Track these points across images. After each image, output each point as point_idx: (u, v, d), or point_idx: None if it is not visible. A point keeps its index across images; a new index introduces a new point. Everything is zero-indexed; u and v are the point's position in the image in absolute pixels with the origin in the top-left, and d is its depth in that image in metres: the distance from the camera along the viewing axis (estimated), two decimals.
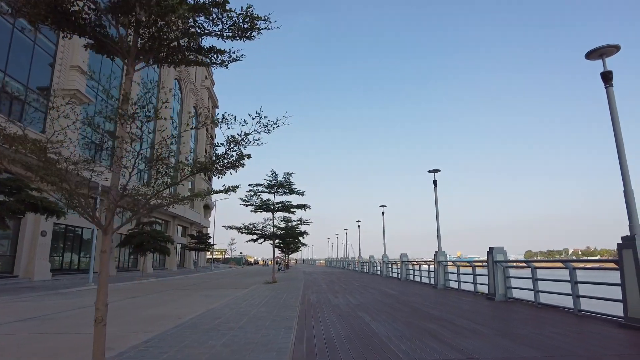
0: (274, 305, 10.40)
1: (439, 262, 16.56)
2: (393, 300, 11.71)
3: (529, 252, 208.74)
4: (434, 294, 13.72)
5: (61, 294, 15.97)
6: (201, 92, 58.71)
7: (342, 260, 57.08)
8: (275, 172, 20.39)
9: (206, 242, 48.90)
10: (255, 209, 20.72)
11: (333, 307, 10.11)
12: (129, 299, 13.90)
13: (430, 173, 17.66)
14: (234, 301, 11.53)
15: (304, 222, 21.64)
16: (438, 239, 17.04)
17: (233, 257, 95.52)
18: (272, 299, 12.06)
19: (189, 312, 9.86)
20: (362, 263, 39.60)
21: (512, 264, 12.24)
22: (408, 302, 11.07)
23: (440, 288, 16.39)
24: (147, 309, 11.00)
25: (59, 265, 25.36)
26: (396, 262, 25.91)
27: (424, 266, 19.90)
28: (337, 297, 12.75)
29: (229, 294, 15.29)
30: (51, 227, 23.14)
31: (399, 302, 11.05)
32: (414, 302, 11.06)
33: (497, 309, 9.63)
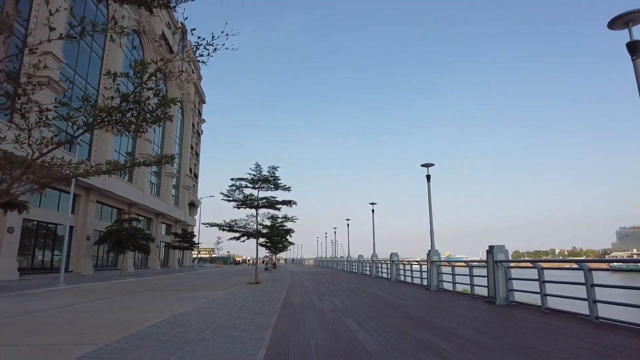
0: (250, 309, 9.22)
1: (433, 262, 15.52)
2: (383, 303, 10.61)
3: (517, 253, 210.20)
4: (427, 297, 12.67)
5: (25, 296, 14.65)
6: (187, 87, 57.06)
7: (331, 260, 55.98)
8: (259, 166, 19.15)
9: (190, 241, 47.36)
10: (237, 204, 19.44)
11: (317, 312, 8.97)
12: (96, 301, 12.72)
13: (423, 167, 16.62)
14: (207, 305, 10.32)
15: (289, 219, 20.38)
16: (431, 237, 16.01)
17: (220, 257, 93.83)
18: (250, 302, 10.88)
19: (153, 317, 8.68)
20: (350, 263, 38.54)
21: (514, 265, 11.20)
22: (400, 307, 9.97)
23: (433, 290, 15.36)
24: (110, 313, 9.80)
25: (29, 265, 23.79)
26: (386, 262, 24.87)
27: (416, 266, 18.87)
28: (322, 299, 11.61)
29: (204, 295, 14.08)
30: (20, 223, 21.60)
31: (390, 306, 9.95)
32: (406, 307, 9.97)
33: (500, 315, 8.58)
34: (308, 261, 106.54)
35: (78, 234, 27.89)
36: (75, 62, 27.27)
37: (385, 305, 10.16)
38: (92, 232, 29.24)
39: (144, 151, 38.47)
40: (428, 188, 16.46)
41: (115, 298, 13.79)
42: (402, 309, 9.54)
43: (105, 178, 28.77)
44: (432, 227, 16.06)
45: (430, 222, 16.09)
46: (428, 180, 16.51)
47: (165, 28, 46.13)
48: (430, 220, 16.11)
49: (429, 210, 16.20)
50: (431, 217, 16.17)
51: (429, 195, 16.42)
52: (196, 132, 63.46)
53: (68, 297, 14.03)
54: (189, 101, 57.23)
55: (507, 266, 10.54)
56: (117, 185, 31.08)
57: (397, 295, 13.03)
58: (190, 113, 57.83)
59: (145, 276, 28.29)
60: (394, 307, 9.76)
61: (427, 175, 16.56)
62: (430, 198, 16.39)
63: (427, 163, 16.44)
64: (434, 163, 16.38)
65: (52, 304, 11.82)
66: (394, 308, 9.63)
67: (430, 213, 16.20)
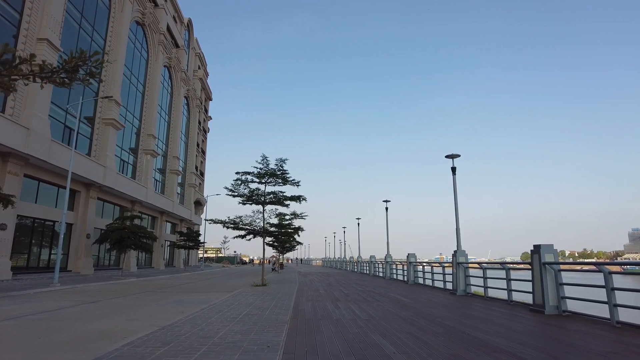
0: (254, 320, 7.72)
1: (459, 264, 13.92)
2: (412, 313, 9.05)
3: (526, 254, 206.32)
4: (458, 303, 11.09)
5: (10, 298, 13.40)
6: (193, 83, 55.87)
7: (339, 261, 54.41)
8: (266, 158, 17.64)
9: (196, 240, 46.03)
10: (243, 200, 17.97)
11: (335, 324, 7.44)
12: (85, 305, 11.43)
13: (448, 159, 15.01)
14: (206, 312, 8.84)
15: (298, 216, 18.83)
16: (457, 236, 14.40)
17: (227, 256, 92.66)
18: (255, 309, 9.38)
19: (139, 328, 7.27)
20: (361, 263, 36.95)
21: (567, 267, 9.54)
22: (433, 317, 8.41)
23: (460, 294, 13.76)
24: (91, 321, 8.42)
25: (24, 264, 22.56)
26: (402, 263, 23.28)
27: (438, 268, 17.26)
28: (339, 307, 10.08)
29: (206, 300, 12.65)
30: (13, 220, 20.36)
31: (421, 316, 8.39)
32: (440, 317, 8.40)
33: (562, 330, 6.98)
34: (315, 261, 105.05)
35: (77, 232, 26.66)
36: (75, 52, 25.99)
37: (415, 315, 8.60)
38: (93, 230, 28.00)
39: (147, 147, 37.26)
40: (453, 181, 14.85)
41: (107, 301, 12.45)
42: (437, 319, 7.98)
43: (104, 173, 27.55)
44: (458, 226, 14.46)
45: (456, 220, 14.48)
46: (453, 173, 14.89)
47: (170, 21, 44.92)
48: (456, 217, 14.51)
49: (454, 206, 14.59)
50: (457, 214, 14.57)
51: (455, 189, 14.81)
52: (202, 129, 62.28)
53: (57, 300, 12.71)
54: (195, 97, 56.03)
55: (557, 269, 8.92)
56: (118, 181, 29.82)
57: (423, 302, 11.45)
58: (197, 109, 56.64)
59: (148, 276, 26.99)
60: (426, 318, 8.20)
61: (452, 167, 14.94)
62: (456, 193, 14.78)
63: (452, 154, 14.83)
64: (459, 154, 14.77)
65: (34, 309, 10.49)
66: (427, 319, 8.07)
67: (456, 209, 14.59)
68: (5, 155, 19.66)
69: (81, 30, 26.74)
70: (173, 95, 47.42)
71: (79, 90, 25.95)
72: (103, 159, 28.11)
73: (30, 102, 20.75)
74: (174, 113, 47.37)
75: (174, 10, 47.04)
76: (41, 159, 20.88)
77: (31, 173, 21.97)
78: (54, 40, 22.06)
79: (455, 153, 14.80)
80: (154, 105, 38.92)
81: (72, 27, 25.80)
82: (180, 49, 48.56)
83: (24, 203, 21.71)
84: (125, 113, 33.58)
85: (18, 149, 19.26)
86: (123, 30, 31.36)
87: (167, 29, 43.25)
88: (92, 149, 27.84)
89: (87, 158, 25.88)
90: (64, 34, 24.50)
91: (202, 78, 59.52)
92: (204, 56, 62.31)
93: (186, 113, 53.72)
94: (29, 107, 20.67)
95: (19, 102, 20.34)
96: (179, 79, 48.02)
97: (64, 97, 24.65)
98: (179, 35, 48.53)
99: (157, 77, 39.80)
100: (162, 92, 43.52)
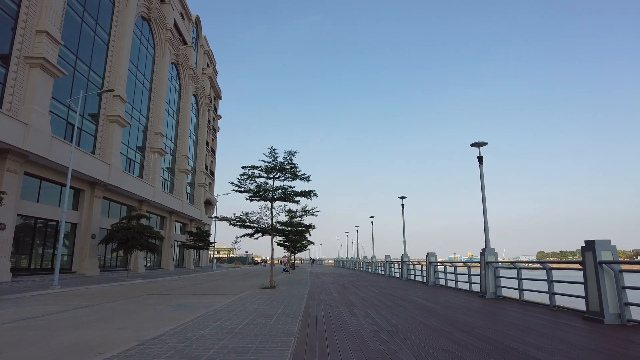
0: (257, 331, 6.46)
1: (488, 264, 12.48)
2: (443, 321, 7.68)
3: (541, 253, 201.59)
4: (492, 309, 9.68)
5: (4, 302, 12.52)
6: (202, 81, 55.04)
7: (352, 261, 53.00)
8: (274, 151, 16.38)
9: (206, 240, 45.15)
10: (250, 196, 16.75)
11: (353, 337, 6.14)
12: (75, 310, 10.47)
13: (474, 147, 13.55)
14: (202, 321, 7.62)
15: (308, 212, 17.46)
16: (485, 233, 12.94)
17: (238, 257, 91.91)
18: (259, 317, 8.12)
19: (122, 340, 6.20)
20: (375, 264, 35.53)
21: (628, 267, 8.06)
22: (471, 327, 7.03)
23: (490, 297, 12.33)
24: (73, 330, 7.42)
25: (25, 265, 21.75)
26: (420, 263, 21.83)
27: (462, 268, 15.81)
28: (356, 314, 8.75)
29: (207, 304, 11.48)
30: (13, 220, 19.51)
31: (456, 327, 7.02)
32: (480, 327, 7.03)
33: (635, 346, 5.57)
34: (327, 261, 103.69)
35: (82, 232, 25.83)
36: (77, 47, 25.19)
37: (447, 324, 7.23)
38: (99, 230, 27.16)
39: (155, 145, 36.41)
40: (480, 172, 13.39)
41: (101, 306, 11.39)
42: (476, 331, 6.61)
43: (109, 172, 26.68)
44: (486, 221, 13.00)
45: (484, 215, 13.03)
46: (480, 163, 13.44)
47: (178, 17, 44.11)
48: (484, 212, 13.05)
49: (482, 200, 13.14)
50: (485, 208, 13.11)
51: (482, 181, 13.35)
52: (212, 128, 61.49)
53: (48, 304, 11.70)
54: (204, 95, 55.21)
55: (618, 269, 7.47)
56: (124, 179, 28.94)
57: (451, 307, 10.06)
58: (206, 108, 55.81)
59: (155, 277, 26.04)
60: (462, 329, 6.83)
61: (479, 156, 13.48)
62: (484, 185, 13.32)
63: (478, 142, 13.36)
64: (486, 142, 13.31)
65: (17, 315, 9.47)
66: (464, 330, 6.70)
67: (483, 203, 13.14)
68: (4, 152, 18.81)
69: (84, 24, 25.89)
70: (181, 93, 46.59)
71: (81, 85, 25.11)
72: (108, 157, 27.25)
73: (30, 96, 19.89)
74: (182, 111, 46.53)
75: (181, 7, 46.23)
76: (41, 156, 20.01)
77: (32, 171, 21.13)
78: (54, 33, 21.17)
79: (481, 141, 13.34)
80: (161, 102, 38.07)
81: (74, 20, 24.96)
82: (188, 46, 47.73)
83: (25, 202, 20.88)
84: (132, 110, 32.75)
85: (16, 145, 18.38)
86: (128, 25, 30.50)
87: (174, 25, 42.42)
88: (97, 147, 26.99)
89: (91, 156, 25.01)
90: (66, 27, 23.66)
91: (211, 76, 58.70)
92: (212, 54, 61.51)
93: (195, 111, 52.90)
94: (28, 101, 19.80)
95: (17, 96, 19.49)
96: (187, 76, 47.18)
97: (66, 92, 23.81)
98: (186, 33, 47.72)
99: (164, 74, 38.96)
100: (170, 90, 42.70)
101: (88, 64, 26.32)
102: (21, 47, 19.87)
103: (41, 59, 20.13)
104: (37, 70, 20.19)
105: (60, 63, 22.33)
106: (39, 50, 20.35)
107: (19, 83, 19.65)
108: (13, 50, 19.57)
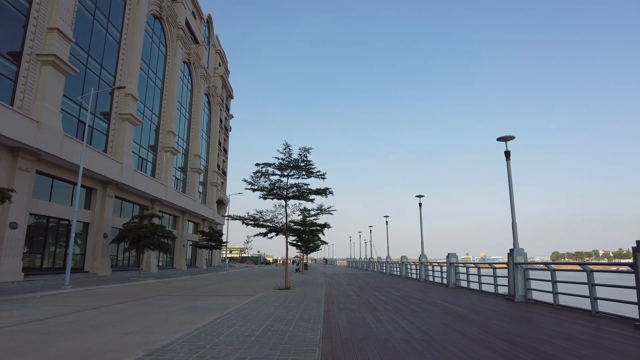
0: (276, 340, 5.86)
1: (517, 265, 11.71)
2: (478, 328, 7.00)
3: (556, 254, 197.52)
4: (527, 314, 8.94)
5: (12, 302, 12.30)
6: (214, 80, 54.85)
7: (365, 261, 52.24)
8: (289, 147, 15.82)
9: (218, 240, 44.84)
10: (263, 194, 16.21)
11: (383, 348, 5.50)
12: (83, 312, 10.12)
13: (500, 142, 12.77)
14: (215, 326, 7.07)
15: (324, 210, 16.80)
16: (514, 232, 12.16)
17: (250, 256, 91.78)
18: (277, 322, 7.54)
19: (127, 348, 5.78)
20: (390, 264, 34.77)
21: None
22: (512, 336, 6.34)
23: (519, 301, 11.56)
24: (78, 335, 6.97)
25: (38, 264, 21.57)
26: (439, 264, 21.05)
27: (487, 270, 15.03)
28: (380, 319, 8.11)
29: (220, 306, 10.97)
30: (25, 218, 19.31)
31: (495, 335, 6.34)
32: (522, 336, 6.32)
33: None
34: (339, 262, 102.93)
35: (94, 232, 25.62)
36: (89, 44, 24.99)
37: (484, 332, 6.55)
38: (111, 230, 26.95)
39: (167, 144, 36.21)
40: (507, 167, 12.62)
41: (110, 307, 10.97)
42: (520, 341, 5.91)
43: (121, 170, 26.44)
44: (514, 219, 12.22)
45: (512, 213, 12.25)
46: (507, 158, 12.66)
47: (189, 16, 43.91)
48: (512, 210, 12.27)
49: (509, 197, 12.37)
50: (512, 206, 12.33)
51: (509, 177, 12.57)
52: (224, 127, 61.32)
53: (57, 306, 11.33)
54: (216, 95, 55.02)
55: None
56: (136, 178, 28.70)
57: (481, 311, 9.34)
58: (218, 107, 55.63)
59: (167, 277, 25.73)
60: (503, 338, 6.13)
61: (506, 151, 12.70)
62: (511, 182, 12.55)
63: (504, 136, 12.59)
64: (514, 135, 12.53)
65: (24, 317, 9.08)
66: (506, 339, 6.01)
67: (511, 201, 12.36)
68: (15, 151, 18.61)
69: (95, 22, 25.69)
70: (193, 92, 46.41)
71: (93, 84, 24.90)
72: (120, 156, 27.02)
73: (41, 94, 19.67)
74: (194, 110, 46.35)
75: (193, 6, 46.05)
76: (53, 154, 19.77)
77: (44, 169, 20.93)
78: (65, 30, 20.93)
79: (508, 135, 12.57)
80: (173, 101, 37.86)
81: (86, 18, 24.76)
82: (200, 45, 47.54)
83: (37, 201, 20.68)
84: (144, 109, 32.55)
85: (27, 143, 18.14)
86: (139, 23, 30.28)
87: (185, 23, 42.22)
88: (108, 145, 26.78)
89: (103, 154, 24.78)
90: (77, 25, 23.45)
91: (222, 75, 58.51)
92: (224, 53, 61.33)
93: (207, 111, 52.72)
94: (39, 99, 19.58)
95: (28, 94, 19.28)
96: (199, 75, 46.98)
97: (77, 90, 23.60)
98: (198, 31, 47.53)
99: (176, 73, 38.75)
100: (182, 89, 42.50)
101: (100, 62, 26.12)
102: (32, 44, 19.66)
103: (52, 56, 19.90)
104: (49, 67, 19.97)
105: (71, 61, 22.10)
106: (50, 48, 20.12)
107: (31, 80, 19.44)
108: (24, 48, 19.36)
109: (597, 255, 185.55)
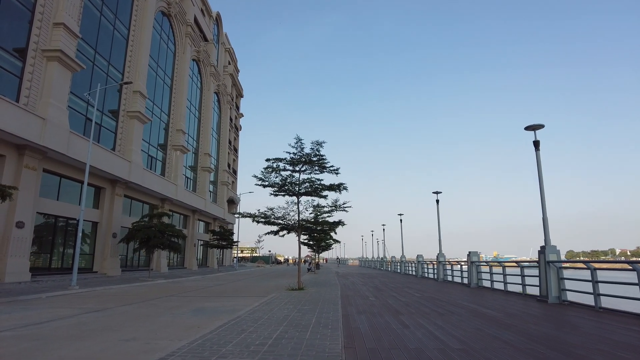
0: (291, 350, 5.12)
1: (549, 263, 10.80)
2: (518, 335, 6.16)
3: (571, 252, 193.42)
4: (567, 317, 8.06)
5: (15, 303, 11.80)
6: (224, 78, 54.41)
7: (378, 260, 51.32)
8: (301, 141, 15.07)
9: (229, 239, 44.36)
10: (274, 190, 15.50)
11: (415, 358, 4.72)
12: (85, 315, 9.50)
13: (529, 131, 11.85)
14: (224, 332, 6.36)
15: (339, 206, 15.94)
16: (545, 228, 11.25)
17: (261, 256, 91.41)
18: (292, 327, 6.80)
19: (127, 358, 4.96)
20: (405, 264, 33.86)
21: None
22: (561, 344, 5.50)
23: (552, 302, 10.65)
24: (75, 341, 6.42)
25: (46, 264, 21.20)
26: (459, 263, 20.13)
27: (514, 269, 14.12)
28: (406, 324, 7.31)
29: (230, 308, 10.29)
30: (32, 218, 18.91)
31: (541, 343, 5.49)
32: (576, 346, 5.48)
33: None
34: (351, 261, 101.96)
35: (103, 231, 25.22)
36: (96, 41, 24.58)
37: (528, 340, 5.71)
38: (120, 229, 26.54)
39: (176, 142, 35.77)
40: (537, 158, 11.69)
41: (115, 309, 10.37)
42: (576, 352, 5.06)
43: (130, 169, 26.00)
44: (545, 216, 11.30)
45: (543, 208, 11.33)
46: (536, 148, 11.73)
47: (198, 13, 43.47)
48: (543, 205, 11.35)
49: (540, 191, 11.45)
50: (543, 200, 11.42)
51: (539, 170, 11.65)
52: (234, 126, 60.90)
53: (61, 307, 10.77)
54: (226, 93, 54.59)
55: None
56: (145, 177, 28.26)
57: (514, 314, 8.48)
58: (227, 106, 55.18)
59: (177, 277, 25.22)
60: (552, 347, 5.29)
61: (535, 141, 11.78)
62: (541, 174, 11.63)
63: (533, 125, 11.67)
64: (543, 124, 11.60)
65: (24, 320, 8.54)
66: (557, 349, 5.16)
67: (541, 195, 11.44)
68: (21, 148, 18.20)
69: (102, 18, 25.27)
70: (203, 90, 45.99)
71: (100, 81, 24.49)
72: (128, 154, 26.60)
73: (47, 90, 19.24)
74: (204, 108, 45.93)
75: (202, 3, 45.62)
76: (60, 152, 19.34)
77: (51, 168, 20.52)
78: (71, 26, 20.48)
79: (537, 123, 11.65)
80: (183, 99, 37.43)
81: (93, 14, 24.34)
82: (209, 42, 47.09)
83: (45, 200, 20.28)
84: (152, 107, 32.14)
85: (33, 140, 17.72)
86: (147, 20, 29.84)
87: (194, 21, 41.78)
88: (117, 144, 26.37)
89: (111, 152, 24.35)
90: (84, 21, 23.02)
91: (232, 74, 58.06)
92: (233, 52, 60.89)
93: (217, 109, 52.29)
94: (45, 95, 19.16)
95: (34, 90, 18.86)
96: (208, 73, 46.54)
97: (85, 87, 23.19)
98: (207, 29, 47.09)
99: (185, 71, 38.31)
100: (192, 87, 42.09)
101: (107, 59, 25.71)
102: (38, 39, 19.24)
103: (58, 51, 19.46)
104: (54, 63, 19.53)
105: (78, 57, 21.68)
106: (56, 43, 19.68)
107: (36, 77, 19.03)
108: (30, 43, 18.94)
109: (614, 254, 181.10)
